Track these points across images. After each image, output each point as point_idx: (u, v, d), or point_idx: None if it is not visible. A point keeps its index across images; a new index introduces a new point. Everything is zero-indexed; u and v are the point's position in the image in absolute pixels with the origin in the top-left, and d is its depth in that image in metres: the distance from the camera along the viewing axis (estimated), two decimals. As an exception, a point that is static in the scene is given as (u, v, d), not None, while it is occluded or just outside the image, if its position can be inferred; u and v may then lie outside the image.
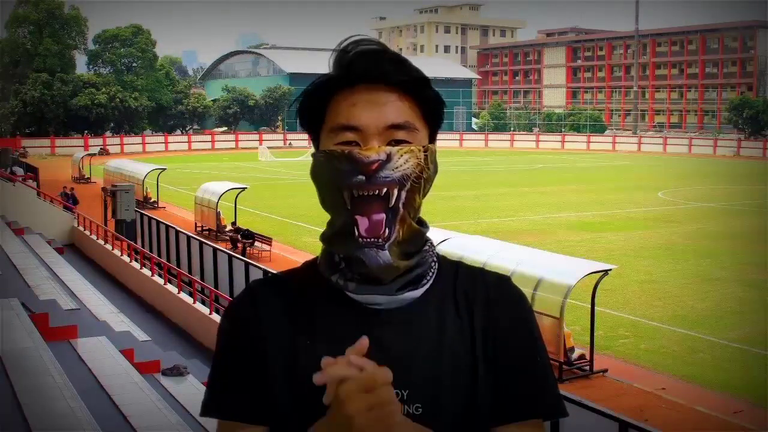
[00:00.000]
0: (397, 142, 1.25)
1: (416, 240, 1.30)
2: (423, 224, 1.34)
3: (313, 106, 1.30)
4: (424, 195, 1.29)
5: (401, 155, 1.23)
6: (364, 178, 1.22)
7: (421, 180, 1.26)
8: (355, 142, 1.25)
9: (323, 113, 1.29)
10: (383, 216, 1.24)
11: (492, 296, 1.33)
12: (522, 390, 1.29)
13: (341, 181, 1.24)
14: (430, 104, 1.30)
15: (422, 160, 1.25)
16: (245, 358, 1.30)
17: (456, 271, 1.36)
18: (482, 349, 1.29)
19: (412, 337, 1.27)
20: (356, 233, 1.25)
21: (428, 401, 1.24)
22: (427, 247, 1.33)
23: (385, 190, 1.23)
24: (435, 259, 1.35)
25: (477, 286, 1.33)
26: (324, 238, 1.33)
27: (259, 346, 1.29)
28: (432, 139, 1.31)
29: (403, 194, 1.24)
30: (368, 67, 1.26)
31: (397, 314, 1.28)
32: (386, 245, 1.25)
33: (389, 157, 1.22)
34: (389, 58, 1.27)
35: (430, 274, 1.32)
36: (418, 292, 1.29)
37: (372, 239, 1.25)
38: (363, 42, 1.29)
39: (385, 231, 1.25)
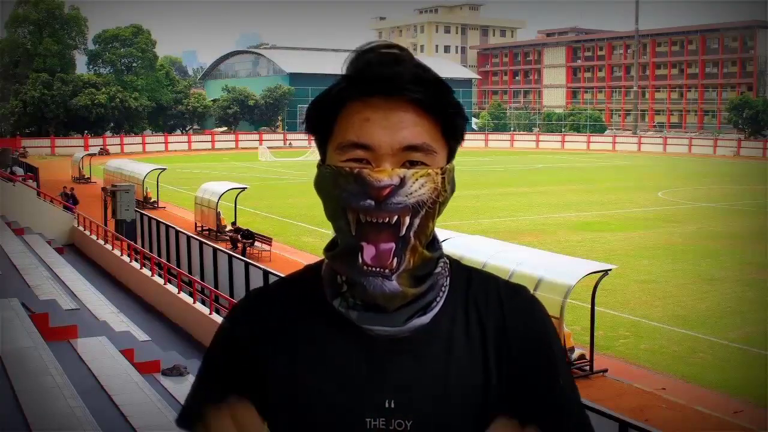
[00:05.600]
0: (412, 164, 1.13)
1: (427, 265, 1.19)
2: (434, 245, 1.22)
3: (322, 115, 1.18)
4: (438, 216, 1.18)
5: (416, 179, 1.12)
6: (373, 203, 1.11)
7: (436, 204, 1.15)
8: (365, 160, 1.13)
9: (332, 124, 1.17)
10: (392, 246, 1.13)
11: (507, 312, 1.22)
12: (548, 419, 1.20)
13: (347, 203, 1.13)
14: (451, 122, 1.17)
15: (439, 184, 1.14)
16: (231, 377, 1.24)
17: (469, 279, 1.25)
18: (497, 372, 1.20)
19: (418, 366, 1.19)
20: (360, 260, 1.14)
21: None
22: (439, 269, 1.22)
23: (396, 217, 1.12)
24: (447, 274, 1.24)
25: (490, 298, 1.23)
26: (327, 254, 1.22)
27: (251, 369, 1.23)
28: (450, 158, 1.20)
29: (416, 222, 1.13)
30: (385, 79, 1.13)
31: (403, 341, 1.19)
32: (393, 276, 1.14)
33: (403, 182, 1.11)
34: (409, 69, 1.14)
35: (441, 294, 1.21)
36: (426, 318, 1.19)
37: (377, 269, 1.14)
38: (380, 48, 1.17)
39: (393, 262, 1.14)
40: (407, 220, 1.13)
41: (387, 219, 1.12)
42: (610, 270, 12.57)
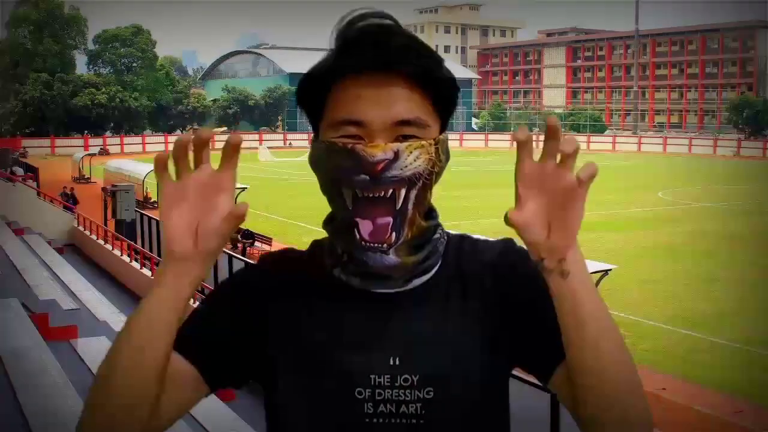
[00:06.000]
0: (405, 138, 1.13)
1: (425, 234, 1.21)
2: (432, 213, 1.24)
3: (312, 94, 1.18)
4: (435, 184, 1.19)
5: (410, 152, 1.12)
6: (368, 178, 1.11)
7: (432, 175, 1.16)
8: (358, 136, 1.13)
9: (324, 100, 1.17)
10: (389, 219, 1.14)
11: (501, 266, 1.23)
12: (557, 338, 1.12)
13: (342, 178, 1.13)
14: (443, 93, 1.17)
15: (433, 154, 1.14)
16: (231, 316, 1.22)
17: (460, 247, 1.27)
18: (501, 321, 1.21)
19: (419, 321, 1.20)
20: (357, 236, 1.15)
21: (439, 385, 1.18)
22: (437, 235, 1.24)
23: (391, 191, 1.13)
24: (444, 240, 1.26)
25: (484, 260, 1.25)
26: (326, 227, 1.24)
27: (257, 315, 1.22)
28: (443, 129, 1.19)
29: (413, 193, 1.14)
30: (374, 52, 1.12)
31: (403, 298, 1.20)
32: (391, 250, 1.15)
33: (397, 155, 1.11)
34: (398, 41, 1.13)
35: (440, 258, 1.24)
36: (426, 277, 1.22)
37: (375, 244, 1.15)
38: (367, 17, 1.16)
39: (391, 236, 1.14)
40: (403, 192, 1.14)
41: (382, 193, 1.13)
42: (610, 270, 12.56)
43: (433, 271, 1.23)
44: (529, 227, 1.02)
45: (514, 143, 1.02)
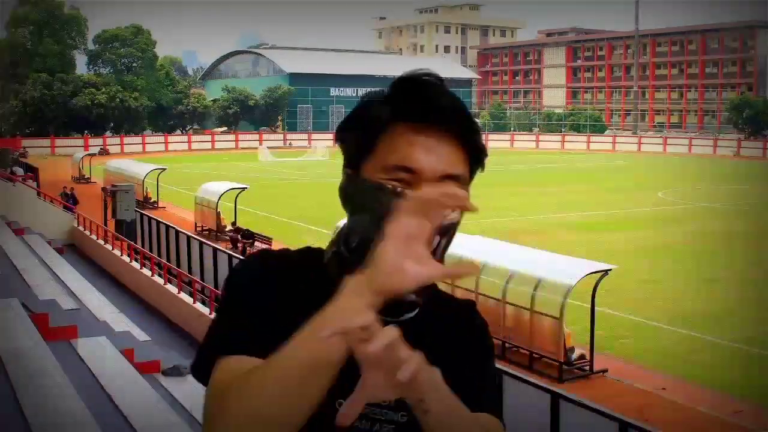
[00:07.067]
0: None
1: None
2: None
3: (363, 134, 1.25)
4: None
5: None
6: None
7: (457, 226, 1.23)
8: (404, 181, 1.20)
9: (375, 140, 1.23)
10: None
11: (462, 325, 1.35)
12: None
13: (387, 219, 1.16)
14: (478, 154, 1.27)
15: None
16: (255, 305, 1.26)
17: (437, 295, 1.35)
18: (453, 372, 1.24)
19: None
20: None
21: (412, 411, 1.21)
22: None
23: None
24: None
25: (452, 319, 1.35)
26: (344, 250, 1.27)
27: (269, 300, 1.26)
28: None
29: (443, 241, 1.19)
30: (431, 106, 1.21)
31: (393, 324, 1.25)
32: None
33: None
34: (449, 100, 1.23)
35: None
36: (412, 314, 1.28)
37: None
38: (423, 75, 1.25)
39: None
40: (437, 239, 1.17)
41: None
42: (610, 270, 12.57)
43: (416, 311, 1.28)
44: (377, 397, 1.02)
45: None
